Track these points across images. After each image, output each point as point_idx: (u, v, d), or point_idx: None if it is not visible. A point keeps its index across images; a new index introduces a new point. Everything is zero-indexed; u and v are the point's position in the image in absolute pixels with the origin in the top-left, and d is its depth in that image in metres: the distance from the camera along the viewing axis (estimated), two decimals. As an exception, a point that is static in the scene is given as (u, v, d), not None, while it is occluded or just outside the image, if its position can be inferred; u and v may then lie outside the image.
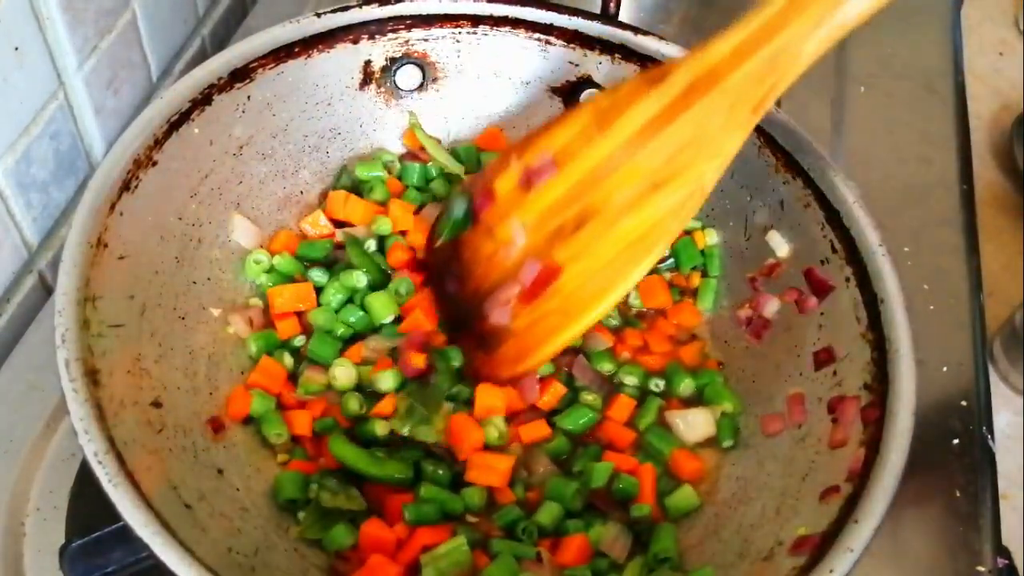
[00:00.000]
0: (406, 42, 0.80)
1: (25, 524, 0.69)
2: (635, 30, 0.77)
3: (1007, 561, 0.76)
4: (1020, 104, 2.10)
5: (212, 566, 0.52)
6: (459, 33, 0.80)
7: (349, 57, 0.79)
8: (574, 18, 0.78)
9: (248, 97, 0.74)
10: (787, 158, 0.72)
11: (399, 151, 0.84)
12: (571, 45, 0.79)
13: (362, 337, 0.74)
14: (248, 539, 0.62)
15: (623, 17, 0.82)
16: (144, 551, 0.51)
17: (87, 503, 0.69)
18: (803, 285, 0.73)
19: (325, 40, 0.76)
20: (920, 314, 0.86)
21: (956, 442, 0.80)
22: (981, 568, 0.73)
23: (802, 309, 0.72)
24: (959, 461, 0.79)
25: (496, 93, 0.83)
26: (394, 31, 0.79)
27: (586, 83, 0.81)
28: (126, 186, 0.65)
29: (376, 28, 0.78)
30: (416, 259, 0.78)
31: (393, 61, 0.81)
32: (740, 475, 0.70)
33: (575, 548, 0.64)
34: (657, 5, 1.13)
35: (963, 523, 0.75)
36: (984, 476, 0.78)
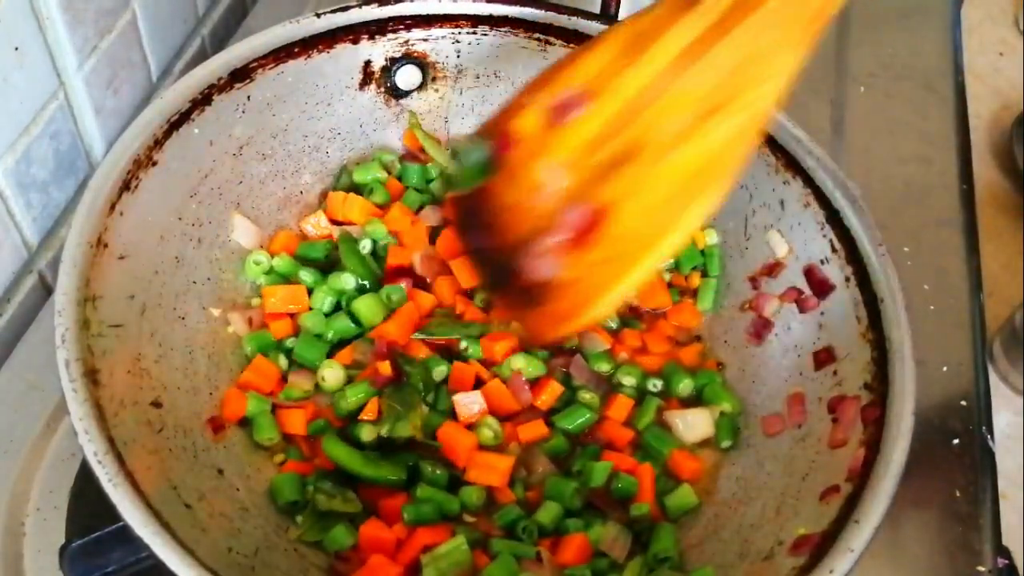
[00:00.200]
0: (406, 42, 0.80)
1: (25, 524, 0.69)
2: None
3: (1007, 561, 0.76)
4: (1020, 104, 2.11)
5: (212, 566, 0.52)
6: (459, 33, 0.80)
7: (349, 57, 0.79)
8: (574, 18, 0.78)
9: (248, 97, 0.74)
10: (787, 158, 0.72)
11: (399, 151, 0.84)
12: (571, 45, 0.79)
13: (350, 341, 0.74)
14: (248, 539, 0.62)
15: (623, 17, 0.82)
16: (144, 551, 0.51)
17: (87, 503, 0.69)
18: (803, 285, 0.73)
19: (325, 40, 0.76)
20: (920, 314, 0.86)
21: (956, 442, 0.80)
22: (981, 568, 0.73)
23: (802, 309, 0.72)
24: (959, 461, 0.79)
25: (496, 93, 0.83)
26: (394, 31, 0.79)
27: (586, 83, 0.81)
28: (126, 186, 0.65)
29: (376, 28, 0.78)
30: (411, 265, 0.77)
31: (393, 61, 0.81)
32: (740, 475, 0.70)
33: (575, 548, 0.65)
34: (657, 5, 1.13)
35: (963, 523, 0.75)
36: (984, 476, 0.78)
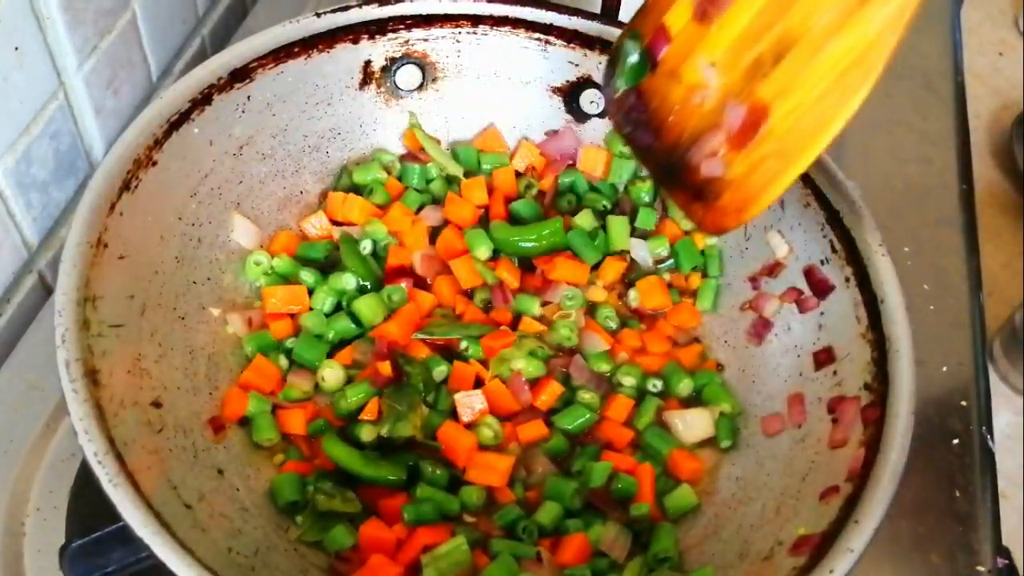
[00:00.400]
0: (406, 42, 0.80)
1: (25, 524, 0.69)
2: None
3: (1007, 561, 0.76)
4: (1020, 104, 2.11)
5: (212, 566, 0.52)
6: (459, 33, 0.80)
7: (349, 57, 0.79)
8: (574, 18, 0.78)
9: (248, 97, 0.74)
10: (787, 158, 0.72)
11: (399, 151, 0.84)
12: (571, 45, 0.79)
13: (351, 341, 0.74)
14: (248, 539, 0.62)
15: (623, 17, 0.82)
16: (144, 551, 0.51)
17: (87, 503, 0.69)
18: (803, 285, 0.73)
19: (325, 40, 0.76)
20: (920, 314, 0.86)
21: (956, 442, 0.80)
22: (981, 568, 0.73)
23: (802, 309, 0.72)
24: (959, 461, 0.79)
25: (496, 93, 0.83)
26: (394, 31, 0.79)
27: (586, 83, 0.81)
28: (126, 186, 0.65)
29: (376, 28, 0.78)
30: (411, 265, 0.77)
31: (393, 61, 0.81)
32: (740, 475, 0.70)
33: (575, 548, 0.65)
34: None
35: (963, 523, 0.75)
36: (984, 476, 0.78)
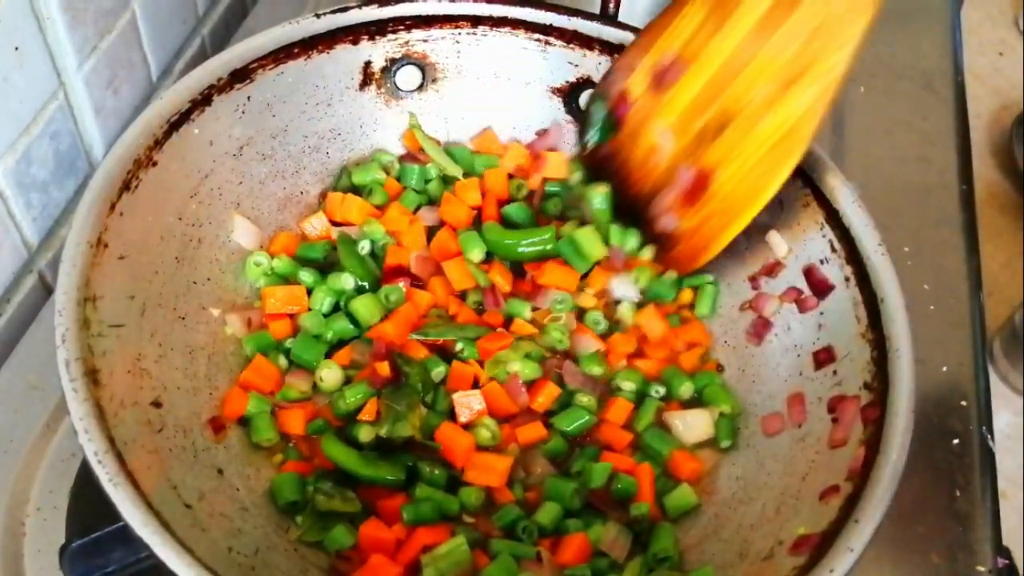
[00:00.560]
0: (406, 43, 0.80)
1: (25, 524, 0.69)
2: (635, 30, 0.77)
3: (1007, 561, 0.76)
4: (1020, 104, 2.11)
5: (212, 566, 0.52)
6: (459, 34, 0.80)
7: (349, 57, 0.79)
8: (574, 18, 0.78)
9: (248, 98, 0.74)
10: (787, 158, 0.72)
11: (399, 152, 0.84)
12: (571, 45, 0.79)
13: (349, 341, 0.73)
14: (248, 539, 0.62)
15: (623, 17, 0.82)
16: (144, 551, 0.51)
17: (87, 503, 0.69)
18: (803, 285, 0.73)
19: (325, 40, 0.76)
20: (920, 314, 0.86)
21: (956, 442, 0.80)
22: (981, 568, 0.73)
23: (802, 309, 0.72)
24: (959, 461, 0.79)
25: (496, 93, 0.83)
26: (394, 31, 0.79)
27: (586, 83, 0.81)
28: (126, 186, 0.65)
29: (376, 28, 0.78)
30: (411, 264, 0.77)
31: (393, 62, 0.81)
32: (740, 475, 0.70)
33: (575, 548, 0.64)
34: (657, 5, 1.13)
35: (963, 523, 0.75)
36: (984, 476, 0.78)
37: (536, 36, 0.79)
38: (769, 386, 0.73)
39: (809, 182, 0.71)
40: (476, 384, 0.72)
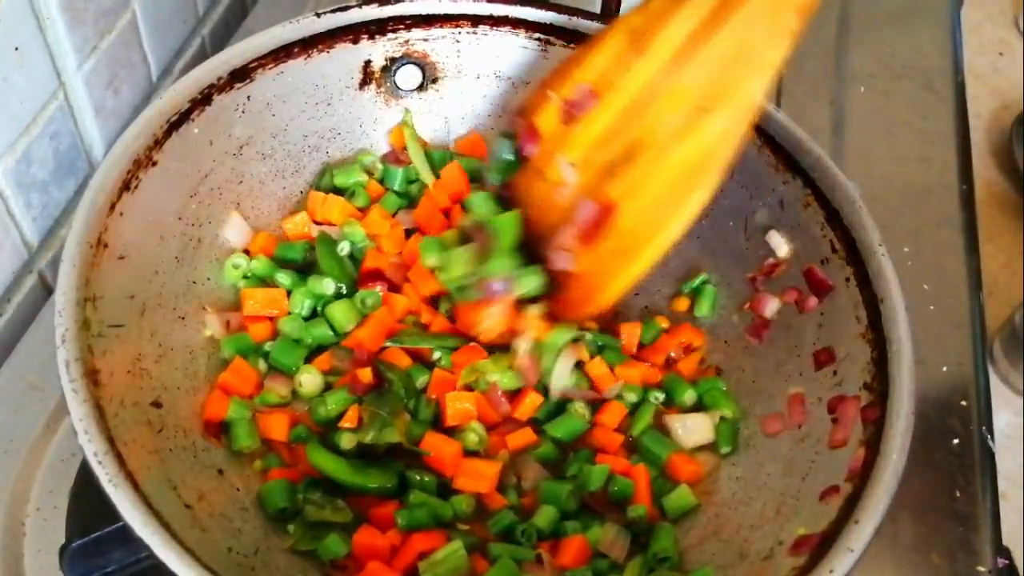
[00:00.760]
0: (406, 42, 0.80)
1: (25, 524, 0.69)
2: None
3: (1007, 561, 0.76)
4: (1020, 104, 2.11)
5: (212, 566, 0.52)
6: (459, 33, 0.80)
7: (349, 57, 0.79)
8: (574, 18, 0.78)
9: (248, 97, 0.74)
10: (787, 158, 0.72)
11: (386, 152, 0.84)
12: (571, 45, 0.79)
13: (330, 346, 0.73)
14: (248, 539, 0.62)
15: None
16: (144, 551, 0.51)
17: (87, 503, 0.69)
18: (803, 285, 0.73)
19: (325, 40, 0.76)
20: (920, 314, 0.86)
21: (956, 442, 0.80)
22: (981, 568, 0.73)
23: (802, 309, 0.72)
24: (959, 461, 0.79)
25: (496, 93, 0.83)
26: (394, 31, 0.79)
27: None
28: (126, 186, 0.65)
29: (376, 28, 0.78)
30: (386, 269, 0.76)
31: (393, 61, 0.81)
32: (740, 475, 0.70)
33: (574, 549, 0.64)
34: (657, 5, 1.13)
35: (963, 523, 0.75)
36: (984, 476, 0.78)
37: (536, 36, 0.79)
38: (769, 386, 0.73)
39: (809, 182, 0.71)
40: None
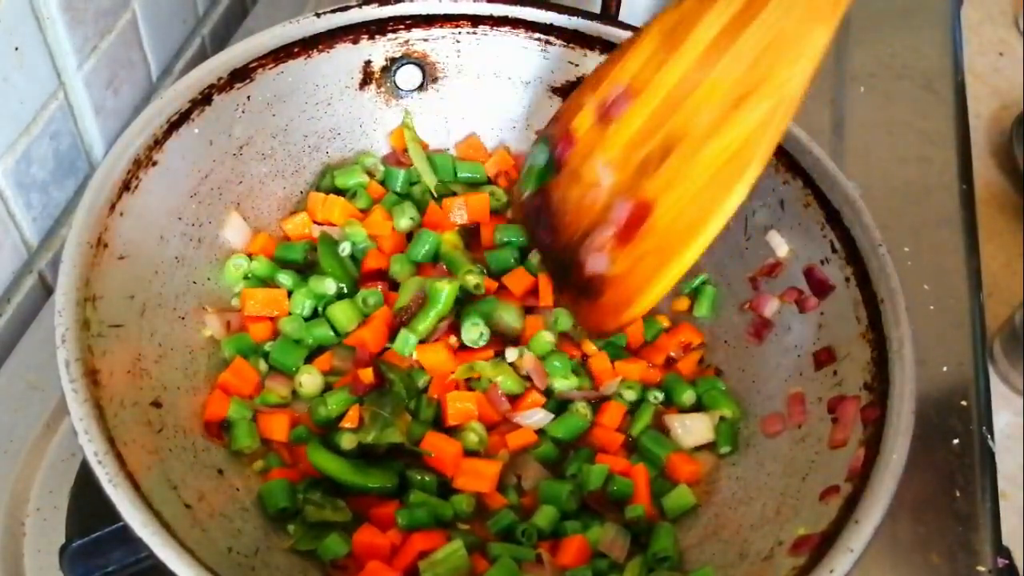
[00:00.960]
0: (406, 42, 0.80)
1: (25, 524, 0.69)
2: (635, 30, 0.77)
3: (1007, 561, 0.76)
4: (1020, 104, 2.11)
5: (212, 566, 0.52)
6: (459, 33, 0.80)
7: (349, 57, 0.79)
8: (574, 18, 0.78)
9: (248, 97, 0.74)
10: (787, 158, 0.72)
11: (386, 153, 0.84)
12: (571, 45, 0.79)
13: (330, 346, 0.73)
14: (248, 539, 0.62)
15: (623, 17, 0.82)
16: (144, 551, 0.51)
17: (87, 503, 0.69)
18: (803, 285, 0.73)
19: (325, 40, 0.76)
20: (920, 314, 0.86)
21: (956, 442, 0.80)
22: (981, 568, 0.73)
23: (802, 309, 0.72)
24: (959, 461, 0.79)
25: (496, 93, 0.83)
26: (394, 31, 0.79)
27: (586, 83, 0.81)
28: (126, 186, 0.65)
29: (376, 28, 0.78)
30: (388, 269, 0.76)
31: (393, 61, 0.81)
32: (740, 475, 0.70)
33: (574, 549, 0.64)
34: (657, 5, 1.13)
35: (963, 523, 0.75)
36: (984, 476, 0.78)
37: (536, 36, 0.79)
38: (769, 386, 0.73)
39: (809, 182, 0.71)
40: None
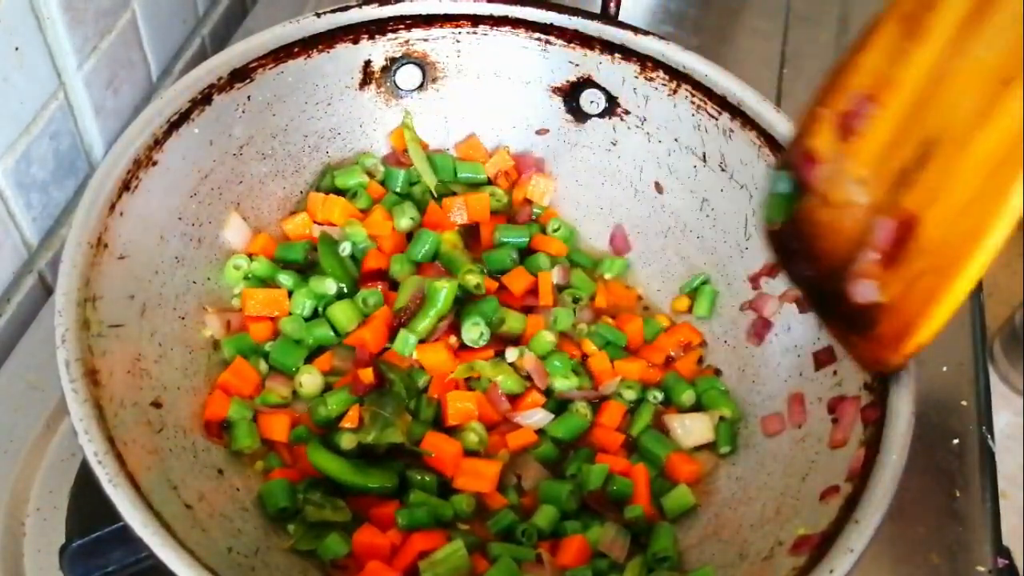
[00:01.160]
0: (406, 42, 0.80)
1: (25, 524, 0.69)
2: (635, 30, 0.77)
3: (1007, 561, 0.76)
4: (1020, 104, 2.10)
5: (212, 566, 0.52)
6: (459, 33, 0.80)
7: (349, 57, 0.79)
8: (574, 18, 0.78)
9: (248, 97, 0.74)
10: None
11: (386, 153, 0.84)
12: (571, 45, 0.79)
13: (330, 346, 0.73)
14: (248, 539, 0.62)
15: (623, 17, 0.82)
16: (144, 551, 0.51)
17: (87, 503, 0.69)
18: (803, 285, 0.72)
19: (325, 40, 0.76)
20: (920, 314, 0.86)
21: (956, 442, 0.80)
22: (981, 568, 0.73)
23: (802, 309, 0.72)
24: (959, 461, 0.79)
25: (496, 93, 0.83)
26: (394, 31, 0.79)
27: (586, 83, 0.81)
28: (126, 186, 0.65)
29: (376, 28, 0.78)
30: (388, 269, 0.76)
31: (393, 61, 0.81)
32: (740, 475, 0.70)
33: (574, 549, 0.64)
34: (657, 5, 1.13)
35: (963, 523, 0.75)
36: (984, 476, 0.78)
37: (536, 35, 0.79)
38: (769, 386, 0.73)
39: (810, 182, 0.71)
40: None
